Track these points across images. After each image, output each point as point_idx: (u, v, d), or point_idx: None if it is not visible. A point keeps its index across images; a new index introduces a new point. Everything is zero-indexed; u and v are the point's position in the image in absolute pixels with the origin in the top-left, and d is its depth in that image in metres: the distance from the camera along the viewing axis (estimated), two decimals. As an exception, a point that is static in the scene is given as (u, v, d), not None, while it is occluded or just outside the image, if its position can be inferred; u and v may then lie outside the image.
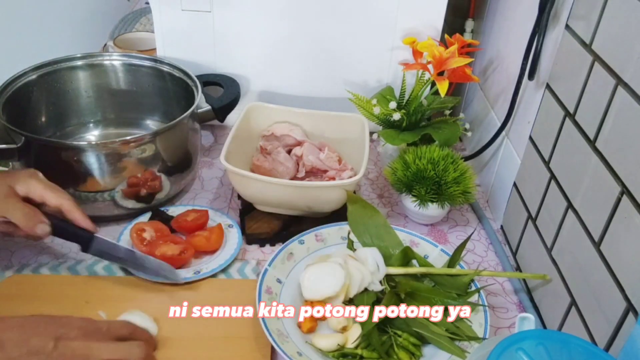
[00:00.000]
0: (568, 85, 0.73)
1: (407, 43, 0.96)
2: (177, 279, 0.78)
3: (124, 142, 0.83)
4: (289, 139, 0.96)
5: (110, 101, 1.04)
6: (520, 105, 0.88)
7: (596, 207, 0.64)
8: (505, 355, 0.51)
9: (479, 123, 1.06)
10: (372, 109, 0.96)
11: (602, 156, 0.64)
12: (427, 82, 0.94)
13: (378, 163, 1.08)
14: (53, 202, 0.73)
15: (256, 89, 1.08)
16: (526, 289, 0.82)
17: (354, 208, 0.83)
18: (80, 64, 0.99)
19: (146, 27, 1.42)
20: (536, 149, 0.81)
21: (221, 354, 0.70)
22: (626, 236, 0.58)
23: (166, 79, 1.00)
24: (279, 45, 1.03)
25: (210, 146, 1.11)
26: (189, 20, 1.01)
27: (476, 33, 1.14)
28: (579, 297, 0.67)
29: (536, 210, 0.80)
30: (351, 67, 1.05)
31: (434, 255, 0.82)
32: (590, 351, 0.52)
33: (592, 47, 0.67)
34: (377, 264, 0.76)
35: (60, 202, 0.74)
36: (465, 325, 0.72)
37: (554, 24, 0.78)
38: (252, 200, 0.89)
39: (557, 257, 0.74)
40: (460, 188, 0.87)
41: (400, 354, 0.69)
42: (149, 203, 0.89)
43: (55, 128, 1.00)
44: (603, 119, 0.64)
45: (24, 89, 0.93)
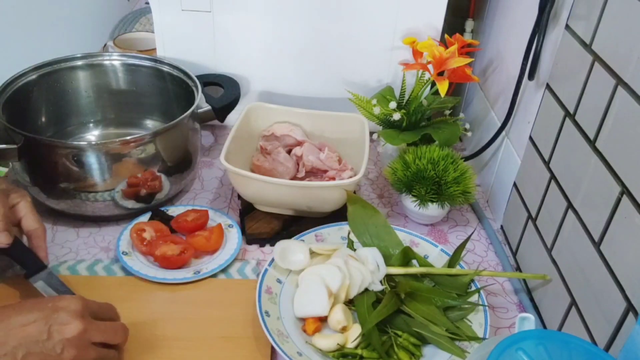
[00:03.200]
0: (568, 85, 0.73)
1: (407, 43, 0.96)
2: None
3: (124, 142, 0.83)
4: (289, 139, 0.96)
5: (110, 101, 1.04)
6: (520, 105, 0.88)
7: (596, 207, 0.64)
8: (505, 355, 0.51)
9: (479, 123, 1.06)
10: (372, 109, 0.96)
11: (602, 156, 0.64)
12: (427, 82, 0.94)
13: (378, 163, 1.08)
14: (29, 224, 0.74)
15: (256, 89, 1.08)
16: (526, 289, 0.82)
17: (354, 208, 0.83)
18: (80, 64, 0.99)
19: (146, 27, 1.42)
20: (536, 149, 0.81)
21: (221, 354, 0.70)
22: (626, 236, 0.58)
23: (166, 79, 1.00)
24: (279, 45, 1.03)
25: (210, 146, 1.11)
26: (189, 20, 1.01)
27: (476, 33, 1.14)
28: (579, 297, 0.67)
29: (536, 210, 0.80)
30: (351, 67, 1.05)
31: (434, 255, 0.82)
32: (590, 351, 0.52)
33: (592, 47, 0.67)
34: (377, 264, 0.76)
35: (37, 227, 0.74)
36: (465, 325, 0.72)
37: (554, 24, 0.78)
38: (252, 200, 0.89)
39: (557, 257, 0.74)
40: (460, 188, 0.87)
41: (400, 354, 0.69)
42: (149, 203, 0.89)
43: (55, 128, 1.01)
44: (603, 119, 0.64)
45: (24, 89, 0.93)
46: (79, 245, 0.86)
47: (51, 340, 0.58)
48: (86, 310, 0.62)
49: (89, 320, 0.61)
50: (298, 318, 0.74)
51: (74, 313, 0.60)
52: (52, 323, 0.59)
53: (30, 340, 0.58)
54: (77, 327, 0.59)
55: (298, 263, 0.78)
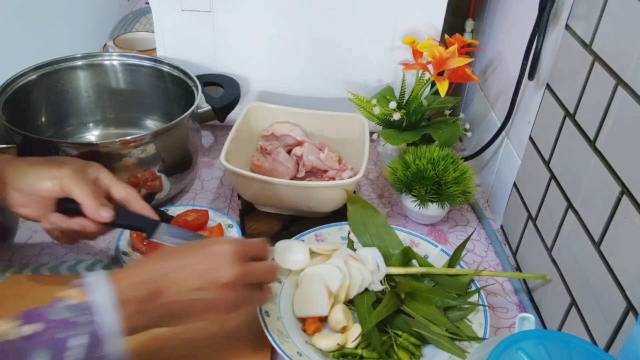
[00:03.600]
0: (568, 85, 0.73)
1: (407, 43, 0.96)
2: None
3: (124, 142, 0.83)
4: (289, 139, 0.96)
5: (110, 101, 1.04)
6: (520, 105, 0.88)
7: (596, 207, 0.64)
8: (505, 355, 0.51)
9: (479, 123, 1.06)
10: (372, 109, 0.96)
11: (602, 156, 0.64)
12: (427, 82, 0.94)
13: (378, 163, 1.08)
14: (121, 192, 0.73)
15: (256, 89, 1.08)
16: (526, 289, 0.82)
17: (354, 208, 0.83)
18: (80, 64, 0.99)
19: (146, 27, 1.42)
20: (536, 149, 0.81)
21: (221, 354, 0.70)
22: (626, 236, 0.58)
23: (166, 79, 1.00)
24: (279, 45, 1.03)
25: (210, 146, 1.11)
26: (189, 20, 1.01)
27: (476, 33, 1.14)
28: (579, 297, 0.67)
29: (536, 210, 0.80)
30: (351, 67, 1.05)
31: (434, 255, 0.82)
32: (590, 351, 0.52)
33: (592, 47, 0.67)
34: (377, 264, 0.76)
35: (128, 192, 0.73)
36: (465, 325, 0.72)
37: (554, 24, 0.78)
38: (252, 200, 0.89)
39: (557, 257, 0.74)
40: (460, 188, 0.87)
41: (401, 354, 0.69)
42: (149, 203, 0.89)
43: (55, 128, 1.00)
44: (603, 119, 0.64)
45: (24, 89, 0.93)
46: (79, 245, 0.86)
47: (209, 287, 0.59)
48: (242, 253, 0.62)
49: (244, 263, 0.61)
50: (298, 318, 0.74)
51: (231, 257, 0.60)
52: (209, 270, 0.59)
53: (191, 288, 0.58)
54: (234, 271, 0.59)
55: (298, 263, 0.78)
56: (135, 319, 0.56)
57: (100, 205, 0.70)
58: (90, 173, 0.72)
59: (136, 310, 0.56)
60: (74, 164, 0.71)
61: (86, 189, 0.69)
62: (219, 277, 0.59)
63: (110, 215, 0.70)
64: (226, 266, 0.60)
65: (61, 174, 0.69)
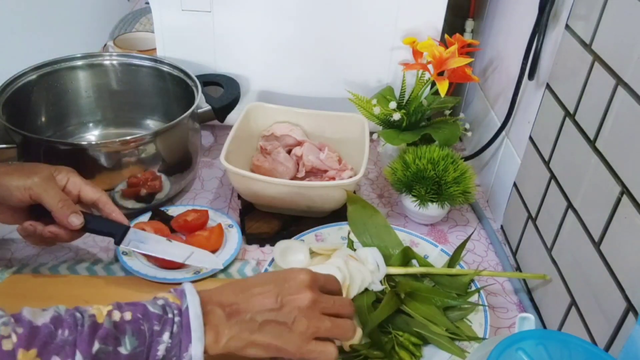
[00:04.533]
0: (568, 85, 0.73)
1: (407, 43, 0.96)
2: (216, 265, 0.79)
3: (124, 142, 0.83)
4: (289, 139, 0.96)
5: (110, 101, 1.04)
6: (520, 105, 0.88)
7: (596, 207, 0.64)
8: (505, 355, 0.51)
9: (479, 123, 1.06)
10: (372, 109, 0.96)
11: (602, 156, 0.64)
12: (427, 82, 0.94)
13: (378, 163, 1.08)
14: (90, 195, 0.74)
15: (256, 89, 1.08)
16: (526, 289, 0.82)
17: (354, 208, 0.83)
18: (80, 64, 0.99)
19: (146, 27, 1.42)
20: (536, 149, 0.81)
21: (221, 354, 0.70)
22: (626, 236, 0.58)
23: (166, 79, 1.00)
24: (279, 45, 1.03)
25: (210, 146, 1.11)
26: (189, 20, 1.01)
27: (476, 33, 1.14)
28: (579, 297, 0.67)
29: (536, 210, 0.80)
30: (351, 67, 1.05)
31: (434, 255, 0.82)
32: (590, 351, 0.52)
33: (592, 47, 0.67)
34: (377, 264, 0.76)
35: (98, 196, 0.75)
36: (465, 325, 0.72)
37: (554, 24, 0.78)
38: (252, 200, 0.89)
39: (557, 257, 0.74)
40: (460, 188, 0.87)
41: (401, 354, 0.69)
42: (149, 203, 0.89)
43: (55, 128, 1.01)
44: (603, 119, 0.64)
45: (24, 89, 0.93)
46: (78, 245, 0.86)
47: (284, 310, 0.59)
48: (315, 282, 0.62)
49: (317, 291, 0.62)
50: None
51: (303, 283, 0.61)
52: (283, 294, 0.60)
53: (266, 309, 0.59)
54: (307, 297, 0.60)
55: (298, 263, 0.78)
56: (215, 335, 0.57)
57: (70, 213, 0.71)
58: (59, 180, 0.73)
59: (216, 324, 0.58)
60: (43, 172, 0.72)
61: (56, 197, 0.71)
62: (295, 300, 0.60)
63: (81, 222, 0.72)
64: (302, 290, 0.60)
65: (30, 184, 0.70)
